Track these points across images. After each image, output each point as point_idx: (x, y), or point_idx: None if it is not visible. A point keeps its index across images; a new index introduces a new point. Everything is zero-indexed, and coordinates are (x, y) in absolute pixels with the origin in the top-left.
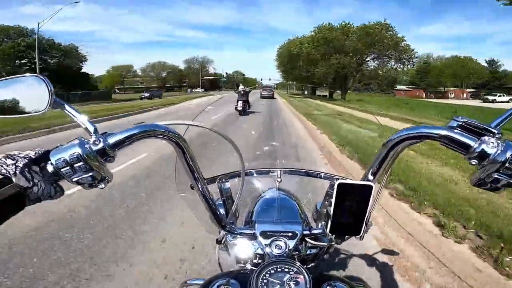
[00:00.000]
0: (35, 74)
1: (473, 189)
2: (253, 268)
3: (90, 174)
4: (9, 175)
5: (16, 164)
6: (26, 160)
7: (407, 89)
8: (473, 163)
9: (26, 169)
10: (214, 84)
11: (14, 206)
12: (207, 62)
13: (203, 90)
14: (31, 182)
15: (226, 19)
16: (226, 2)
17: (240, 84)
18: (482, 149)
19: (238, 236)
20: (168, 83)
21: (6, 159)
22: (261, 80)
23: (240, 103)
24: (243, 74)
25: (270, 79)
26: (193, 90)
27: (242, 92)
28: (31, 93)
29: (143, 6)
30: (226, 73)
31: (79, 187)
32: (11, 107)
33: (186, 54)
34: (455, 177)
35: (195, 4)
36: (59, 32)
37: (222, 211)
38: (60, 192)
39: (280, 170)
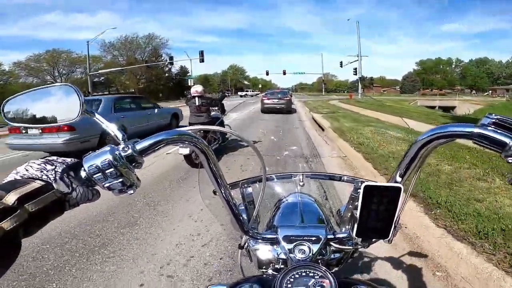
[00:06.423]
0: (66, 84)
1: None
2: (276, 273)
3: (120, 180)
4: (50, 180)
5: (56, 170)
6: (64, 166)
7: None
8: (510, 161)
9: (65, 174)
10: (182, 86)
11: (55, 211)
12: (156, 45)
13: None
14: (70, 188)
15: (237, 22)
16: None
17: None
18: None
19: (260, 241)
20: (98, 88)
21: (45, 165)
22: (266, 74)
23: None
24: (244, 71)
25: (284, 73)
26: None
27: (198, 103)
28: (62, 102)
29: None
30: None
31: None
32: (43, 117)
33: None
34: None
35: (209, 9)
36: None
37: (244, 216)
38: (97, 195)
39: (302, 175)
